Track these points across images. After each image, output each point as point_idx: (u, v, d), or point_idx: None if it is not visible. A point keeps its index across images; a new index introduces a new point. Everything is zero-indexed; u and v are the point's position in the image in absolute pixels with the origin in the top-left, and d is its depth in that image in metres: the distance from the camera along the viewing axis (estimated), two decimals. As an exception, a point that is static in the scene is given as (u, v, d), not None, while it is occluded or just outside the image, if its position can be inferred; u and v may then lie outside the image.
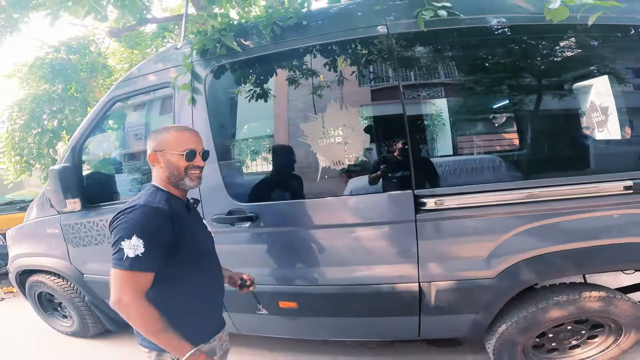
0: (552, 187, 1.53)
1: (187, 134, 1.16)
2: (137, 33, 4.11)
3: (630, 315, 1.63)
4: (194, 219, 1.21)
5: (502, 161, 1.67)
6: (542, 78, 1.68)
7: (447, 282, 1.64)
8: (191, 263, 1.12)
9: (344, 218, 1.71)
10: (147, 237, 0.99)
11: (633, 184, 1.47)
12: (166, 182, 1.15)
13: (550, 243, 1.56)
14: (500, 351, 1.76)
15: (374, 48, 1.73)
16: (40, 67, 3.98)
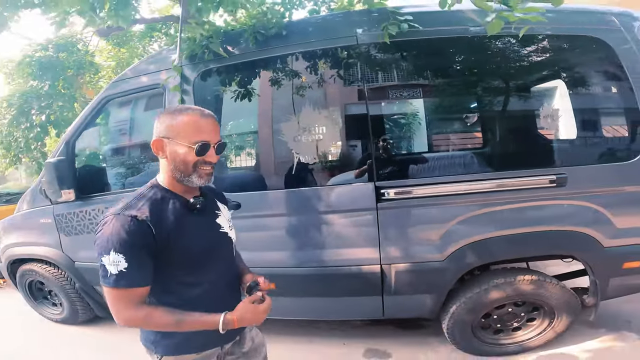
0: (490, 180, 1.88)
1: (203, 122, 1.01)
2: (125, 32, 4.40)
3: (559, 299, 1.97)
4: (199, 220, 1.08)
5: (450, 157, 2.02)
6: (485, 82, 2.06)
7: (405, 264, 1.97)
8: (185, 271, 1.03)
9: (315, 207, 2.03)
10: (126, 251, 0.92)
11: (556, 178, 1.83)
12: (170, 176, 1.04)
13: (490, 229, 1.90)
14: (453, 330, 2.09)
15: (343, 56, 2.07)
16: (29, 64, 4.24)
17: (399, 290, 2.01)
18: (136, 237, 0.93)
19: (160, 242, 0.96)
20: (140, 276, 0.95)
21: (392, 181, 1.95)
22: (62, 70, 4.33)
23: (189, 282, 1.04)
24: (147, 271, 0.96)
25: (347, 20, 2.12)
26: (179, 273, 1.03)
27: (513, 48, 1.99)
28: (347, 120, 2.09)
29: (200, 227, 1.08)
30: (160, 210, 1.00)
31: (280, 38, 2.12)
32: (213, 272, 1.09)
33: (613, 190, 1.90)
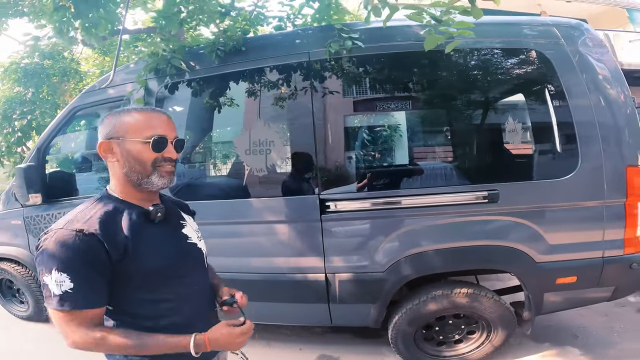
0: (424, 196, 2.07)
1: (155, 116, 0.99)
2: (110, 42, 4.69)
3: (494, 312, 2.13)
4: (161, 231, 1.02)
5: (390, 173, 2.22)
6: (421, 98, 2.28)
7: (347, 274, 2.16)
8: (149, 287, 0.96)
9: (264, 216, 2.23)
10: (71, 269, 0.85)
11: (488, 194, 2.01)
12: (124, 182, 0.99)
13: (426, 243, 2.08)
14: (397, 340, 2.25)
15: (297, 72, 2.27)
16: (15, 71, 4.54)
17: (343, 299, 2.18)
18: (83, 253, 0.86)
19: (116, 257, 0.89)
20: (90, 297, 0.88)
21: (335, 194, 2.14)
22: (47, 77, 4.63)
23: (153, 299, 0.97)
24: (99, 291, 0.89)
25: (301, 38, 2.35)
26: (143, 290, 0.95)
27: (451, 62, 2.18)
28: (295, 134, 2.30)
29: (163, 238, 1.02)
30: (112, 223, 0.93)
31: (239, 54, 2.34)
32: (182, 286, 1.02)
33: (545, 207, 2.05)
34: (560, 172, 2.02)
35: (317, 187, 2.13)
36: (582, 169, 1.97)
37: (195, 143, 2.72)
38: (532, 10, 8.76)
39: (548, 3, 9.64)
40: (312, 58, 2.22)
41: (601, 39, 2.15)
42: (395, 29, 2.16)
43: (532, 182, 2.07)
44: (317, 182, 2.14)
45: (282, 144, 2.28)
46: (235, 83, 2.41)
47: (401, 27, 2.16)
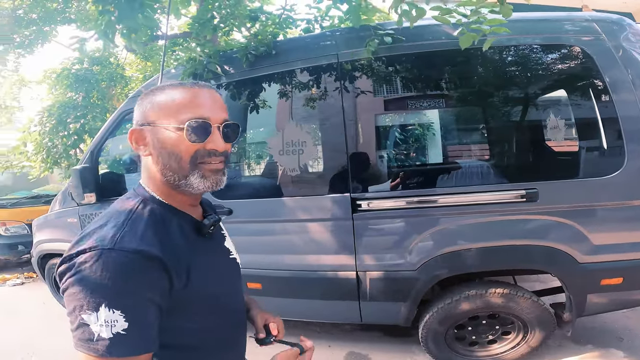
0: (460, 194, 2.04)
1: (196, 92, 0.74)
2: (150, 47, 4.97)
3: (532, 313, 2.07)
4: (212, 246, 0.83)
5: (424, 170, 2.20)
6: (457, 96, 2.24)
7: (378, 272, 2.18)
8: (200, 316, 0.76)
9: (297, 215, 2.30)
10: (128, 305, 0.63)
11: (526, 193, 1.95)
12: (160, 182, 0.76)
13: (461, 242, 2.06)
14: (427, 339, 2.25)
15: (327, 73, 2.31)
16: (67, 76, 4.94)
17: (374, 297, 2.21)
18: (145, 284, 0.65)
19: (178, 286, 0.69)
20: (147, 339, 0.66)
21: (367, 193, 2.16)
22: (96, 82, 4.99)
23: (200, 328, 0.77)
24: (155, 329, 0.67)
25: (330, 39, 2.38)
26: (192, 319, 0.75)
27: (487, 59, 2.13)
28: (326, 134, 2.34)
29: (214, 256, 0.83)
30: (169, 238, 0.72)
31: (270, 57, 2.42)
32: (228, 309, 0.84)
33: (589, 206, 1.97)
34: (606, 170, 1.92)
35: (349, 187, 2.16)
36: (628, 166, 1.87)
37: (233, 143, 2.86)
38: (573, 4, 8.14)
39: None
40: (341, 59, 2.24)
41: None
42: (427, 28, 2.14)
43: (575, 180, 1.98)
44: (348, 182, 2.17)
45: (314, 144, 2.33)
46: (267, 85, 2.49)
47: (433, 26, 2.13)
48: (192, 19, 3.30)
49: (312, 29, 3.08)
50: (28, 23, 4.30)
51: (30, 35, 4.49)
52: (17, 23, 4.23)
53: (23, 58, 5.06)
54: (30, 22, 4.30)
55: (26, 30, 4.40)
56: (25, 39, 4.52)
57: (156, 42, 4.48)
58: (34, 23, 4.35)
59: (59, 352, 2.79)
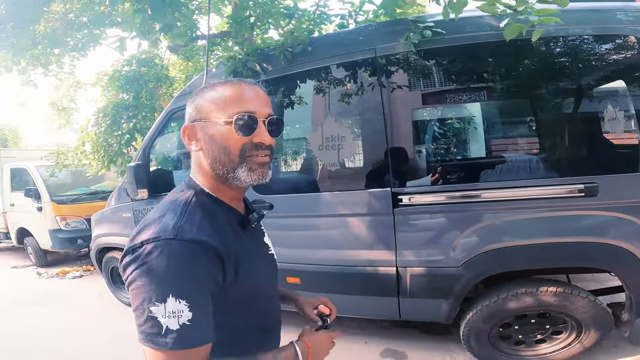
0: (509, 189, 1.95)
1: (243, 88, 0.78)
2: (191, 47, 5.17)
3: (587, 313, 1.95)
4: (254, 241, 0.87)
5: (468, 164, 2.12)
6: (509, 88, 2.12)
7: (420, 268, 2.14)
8: (244, 313, 0.79)
9: (337, 210, 2.31)
10: (192, 294, 0.66)
11: (584, 187, 1.82)
12: (210, 176, 0.79)
13: (509, 238, 1.97)
14: (469, 338, 2.18)
15: (364, 68, 2.28)
16: (118, 78, 5.27)
17: (414, 293, 2.18)
18: (204, 272, 0.68)
19: (230, 276, 0.72)
20: (208, 327, 0.69)
21: (408, 188, 2.13)
22: (144, 83, 5.28)
23: (242, 326, 0.79)
24: (212, 320, 0.70)
25: (367, 34, 2.35)
26: (236, 315, 0.77)
27: (533, 51, 2.01)
28: (366, 129, 2.32)
29: (258, 251, 0.87)
30: (221, 229, 0.74)
31: (306, 54, 2.43)
32: (268, 306, 0.87)
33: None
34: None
35: (390, 181, 2.14)
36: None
37: (274, 139, 2.93)
38: None
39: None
40: (379, 53, 2.21)
41: None
42: (467, 20, 2.05)
43: (637, 174, 1.83)
44: (389, 176, 2.15)
45: (353, 139, 2.32)
46: (305, 82, 2.50)
47: (473, 18, 2.05)
48: (229, 18, 3.39)
49: (346, 24, 3.05)
50: (79, 26, 4.49)
51: (82, 38, 4.72)
52: (70, 26, 4.43)
53: (77, 61, 5.41)
54: (81, 25, 4.49)
55: (78, 33, 4.60)
56: (78, 42, 4.75)
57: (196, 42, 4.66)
58: (84, 26, 4.54)
59: (115, 343, 2.99)
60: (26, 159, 6.37)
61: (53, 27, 4.41)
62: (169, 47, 4.89)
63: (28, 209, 5.59)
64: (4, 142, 18.76)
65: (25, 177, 5.80)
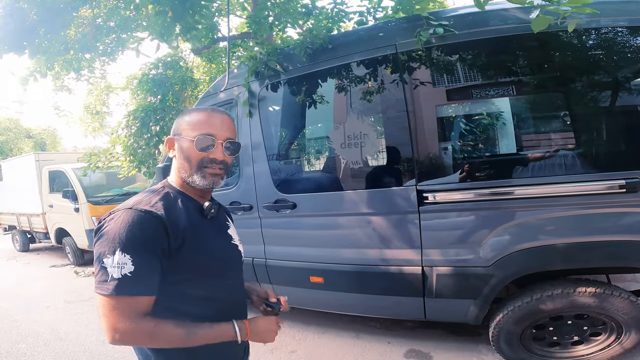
0: (544, 185, 1.85)
1: (211, 115, 0.99)
2: (213, 49, 5.24)
3: (628, 314, 1.83)
4: (212, 227, 1.04)
5: (497, 161, 2.03)
6: (538, 83, 1.99)
7: (447, 267, 2.08)
8: (196, 283, 0.94)
9: (360, 208, 2.27)
10: (135, 251, 0.82)
11: (626, 183, 1.70)
12: (178, 177, 1.01)
13: (543, 237, 1.87)
14: (498, 339, 2.10)
15: (385, 65, 2.22)
16: (146, 81, 5.43)
17: (440, 294, 2.12)
18: (149, 235, 0.85)
19: (174, 245, 0.88)
20: (149, 283, 0.85)
21: (434, 185, 2.06)
22: (170, 86, 5.41)
23: (198, 297, 0.95)
24: (156, 278, 0.86)
25: (386, 30, 2.29)
26: (187, 285, 0.93)
27: (564, 43, 1.90)
28: (389, 126, 2.27)
29: (214, 235, 1.04)
30: (174, 210, 0.93)
31: (327, 51, 2.40)
32: (223, 286, 1.02)
33: None
34: None
35: (414, 179, 2.08)
36: None
37: (295, 138, 2.91)
38: None
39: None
40: (399, 50, 2.14)
41: None
42: (490, 13, 1.95)
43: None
44: (414, 174, 2.08)
45: (376, 137, 2.27)
46: (326, 80, 2.47)
47: (496, 11, 1.96)
48: (249, 19, 3.41)
49: (365, 22, 2.99)
50: (108, 31, 4.58)
51: (110, 43, 4.80)
52: (99, 31, 4.53)
53: (107, 65, 5.57)
54: (109, 30, 4.57)
55: (107, 38, 4.70)
56: (107, 46, 4.84)
57: (217, 44, 4.72)
58: (112, 31, 4.62)
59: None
60: (64, 162, 6.69)
61: (83, 32, 4.52)
62: (192, 50, 4.99)
63: (66, 210, 5.84)
64: (42, 145, 19.95)
65: (63, 179, 6.06)
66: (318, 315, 2.93)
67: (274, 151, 2.73)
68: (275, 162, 2.69)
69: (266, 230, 2.63)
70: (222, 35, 3.78)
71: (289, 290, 2.62)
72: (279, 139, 2.86)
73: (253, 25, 3.33)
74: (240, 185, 2.70)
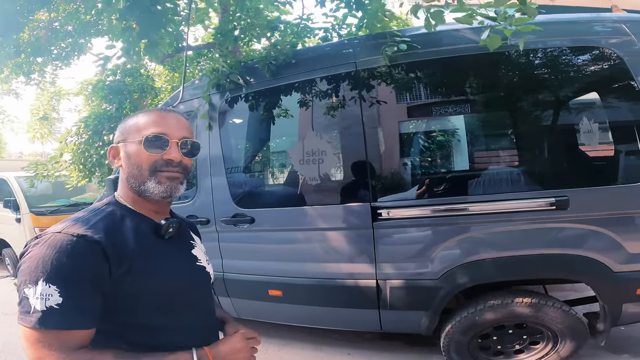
0: (485, 203, 2.00)
1: (160, 114, 0.91)
2: (177, 58, 5.18)
3: (562, 323, 1.99)
4: (171, 248, 0.92)
5: (445, 178, 2.18)
6: (482, 102, 2.18)
7: (399, 280, 2.17)
8: (150, 312, 0.84)
9: (318, 224, 2.33)
10: (63, 281, 0.72)
11: (556, 200, 1.88)
12: (128, 189, 0.89)
13: (485, 251, 2.01)
14: (449, 349, 2.20)
15: (344, 82, 2.32)
16: (102, 88, 5.23)
17: (394, 306, 2.20)
18: (81, 263, 0.74)
19: (118, 272, 0.78)
20: (80, 316, 0.74)
21: (387, 202, 2.16)
22: (129, 93, 5.25)
23: (154, 327, 0.84)
24: (90, 310, 0.76)
25: (348, 47, 2.41)
26: (143, 314, 0.83)
27: (512, 63, 2.09)
28: (346, 143, 2.36)
29: (173, 257, 0.91)
30: (119, 232, 0.83)
31: (289, 67, 2.46)
32: (188, 316, 0.91)
33: (625, 214, 1.89)
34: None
35: (369, 195, 2.16)
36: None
37: (255, 153, 2.93)
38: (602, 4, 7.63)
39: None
40: (359, 67, 2.26)
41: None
42: (446, 33, 2.12)
43: (609, 187, 1.91)
44: (368, 190, 2.17)
45: (334, 153, 2.35)
46: (287, 95, 2.53)
47: (453, 31, 2.12)
48: (215, 30, 3.43)
49: (329, 38, 3.12)
50: (64, 35, 4.45)
51: (66, 47, 4.66)
52: (54, 35, 4.38)
53: (60, 70, 5.32)
54: (66, 34, 4.44)
55: (62, 42, 4.56)
56: (62, 51, 4.70)
57: (182, 53, 4.67)
58: (69, 35, 4.49)
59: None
60: (6, 169, 6.23)
61: (37, 35, 4.35)
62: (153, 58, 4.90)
63: (7, 220, 5.43)
64: (-16, 151, 18.33)
65: (5, 188, 5.65)
66: (280, 328, 2.92)
67: (233, 165, 2.74)
68: (234, 176, 2.69)
69: (224, 244, 2.61)
70: (187, 45, 3.75)
71: (248, 303, 2.62)
72: (239, 153, 2.87)
73: (218, 37, 3.35)
74: (198, 198, 2.67)
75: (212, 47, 4.17)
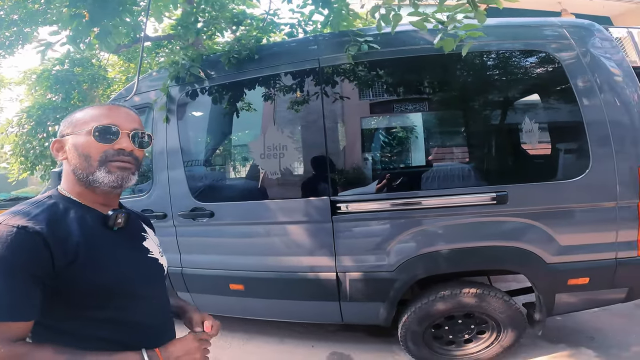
0: (433, 197, 2.13)
1: (109, 107, 0.92)
2: (134, 48, 4.97)
3: (503, 313, 2.16)
4: (120, 240, 0.91)
5: (400, 174, 2.30)
6: (429, 100, 2.33)
7: (357, 273, 2.24)
8: (97, 304, 0.83)
9: (279, 217, 2.34)
10: (1, 272, 0.73)
11: (496, 195, 2.05)
12: (74, 181, 0.89)
13: (434, 244, 2.14)
14: (406, 339, 2.31)
15: (306, 78, 2.36)
16: (47, 78, 4.89)
17: (354, 297, 2.27)
18: (21, 254, 0.74)
19: (61, 263, 0.77)
20: (18, 307, 0.74)
21: (345, 196, 2.23)
22: (77, 84, 4.95)
23: (101, 319, 0.83)
24: (30, 301, 0.75)
25: (312, 44, 2.47)
26: (89, 307, 0.82)
27: (463, 65, 2.24)
28: (306, 139, 2.41)
29: (121, 249, 0.90)
30: (63, 223, 0.82)
31: (253, 62, 2.47)
32: (138, 306, 0.90)
33: (556, 208, 2.08)
34: (572, 173, 2.03)
35: (329, 190, 2.22)
36: (593, 169, 1.98)
37: (215, 147, 2.88)
38: (553, 8, 8.37)
39: (569, 1, 9.18)
40: (322, 64, 2.32)
41: (614, 38, 2.16)
42: (407, 34, 2.23)
43: (542, 183, 2.08)
44: (328, 184, 2.23)
45: (295, 148, 2.39)
46: (250, 89, 2.53)
47: (413, 32, 2.21)
48: (176, 22, 3.34)
49: (295, 34, 3.15)
50: (9, 24, 4.27)
51: (10, 36, 4.46)
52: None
53: (3, 59, 4.95)
54: (11, 23, 4.26)
55: (7, 31, 4.37)
56: (5, 39, 4.49)
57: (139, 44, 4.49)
58: (14, 24, 4.31)
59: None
60: None
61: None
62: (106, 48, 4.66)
63: None
64: None
65: None
66: (243, 322, 2.89)
67: (192, 158, 2.68)
68: (192, 169, 2.64)
69: (182, 239, 2.55)
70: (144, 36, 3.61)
71: (209, 298, 2.58)
72: (198, 146, 2.81)
73: (179, 29, 3.26)
74: (153, 192, 2.59)
75: (172, 39, 4.04)
